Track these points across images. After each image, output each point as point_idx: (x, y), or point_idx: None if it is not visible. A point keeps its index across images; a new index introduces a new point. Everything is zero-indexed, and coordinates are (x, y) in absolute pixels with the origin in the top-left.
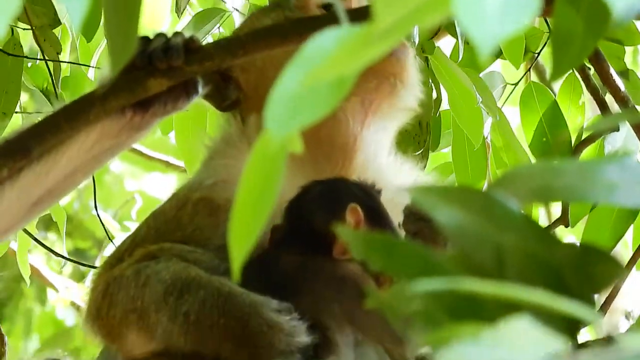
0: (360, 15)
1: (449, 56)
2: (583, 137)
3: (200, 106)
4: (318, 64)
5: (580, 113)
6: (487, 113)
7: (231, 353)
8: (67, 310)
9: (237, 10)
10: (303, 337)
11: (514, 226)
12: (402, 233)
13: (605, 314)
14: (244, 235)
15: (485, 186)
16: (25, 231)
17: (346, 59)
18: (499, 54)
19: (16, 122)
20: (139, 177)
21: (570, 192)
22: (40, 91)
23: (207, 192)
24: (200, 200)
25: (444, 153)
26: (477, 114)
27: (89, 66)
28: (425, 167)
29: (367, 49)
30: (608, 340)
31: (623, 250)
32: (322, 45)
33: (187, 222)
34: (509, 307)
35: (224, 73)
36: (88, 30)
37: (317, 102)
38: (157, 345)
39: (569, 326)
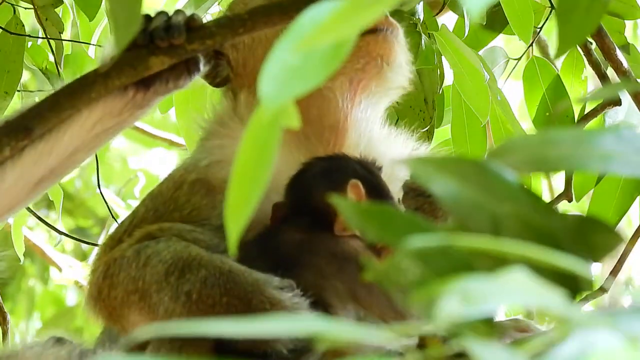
0: None
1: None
2: (586, 112)
3: (200, 83)
4: (311, 32)
5: (583, 87)
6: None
7: None
8: (69, 289)
9: None
10: (306, 314)
11: (511, 196)
12: (402, 209)
13: (609, 287)
14: (240, 208)
15: None
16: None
17: (339, 25)
18: (502, 29)
19: (17, 101)
20: (142, 154)
21: (567, 161)
22: (40, 70)
23: (203, 173)
24: (196, 181)
25: (447, 130)
26: (483, 90)
27: (90, 44)
28: (430, 143)
29: (360, 14)
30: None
31: (626, 227)
32: (316, 16)
33: (184, 203)
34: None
35: (216, 50)
36: (90, 9)
37: (310, 71)
38: None
39: (566, 287)
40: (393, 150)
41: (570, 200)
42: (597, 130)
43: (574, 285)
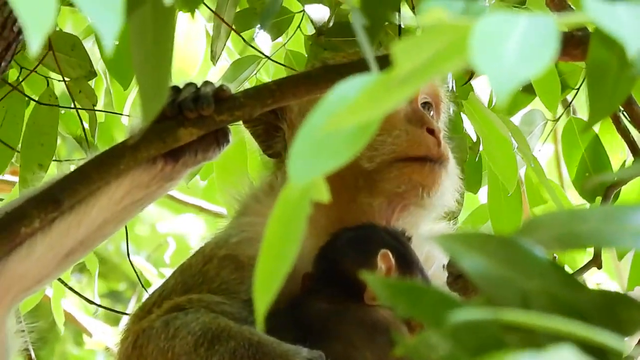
0: (387, 61)
1: (487, 99)
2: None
3: (241, 149)
4: (339, 111)
5: (621, 147)
6: (522, 159)
7: None
8: (99, 355)
9: (268, 57)
10: None
11: (540, 272)
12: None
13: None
14: (268, 281)
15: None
16: (59, 279)
17: (367, 106)
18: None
19: (52, 170)
20: (171, 220)
21: (596, 237)
22: (74, 139)
23: (233, 249)
24: (226, 256)
25: (477, 197)
26: (511, 159)
27: (122, 114)
28: (461, 209)
29: (388, 96)
30: None
31: None
32: (345, 92)
33: (213, 276)
34: (536, 346)
35: (275, 123)
36: (124, 78)
37: (339, 148)
38: None
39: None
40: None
41: (599, 268)
42: (627, 205)
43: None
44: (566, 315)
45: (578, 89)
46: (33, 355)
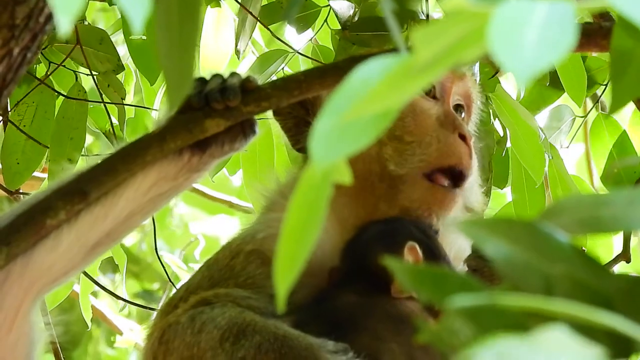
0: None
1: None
2: None
3: (268, 142)
4: (361, 97)
5: None
6: (546, 151)
7: None
8: (131, 354)
9: (296, 51)
10: None
11: (563, 257)
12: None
13: None
14: (289, 264)
15: None
16: (86, 274)
17: (387, 93)
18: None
19: (81, 164)
20: (203, 219)
21: (620, 222)
22: (103, 134)
23: (260, 245)
24: (253, 251)
25: (505, 194)
26: (538, 150)
27: (149, 108)
28: (488, 204)
29: (408, 82)
30: None
31: None
32: (367, 75)
33: (239, 271)
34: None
35: (305, 118)
36: (151, 73)
37: (360, 132)
38: None
39: (618, 347)
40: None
41: (628, 261)
42: None
43: (627, 347)
44: (590, 300)
45: (606, 84)
46: (61, 355)
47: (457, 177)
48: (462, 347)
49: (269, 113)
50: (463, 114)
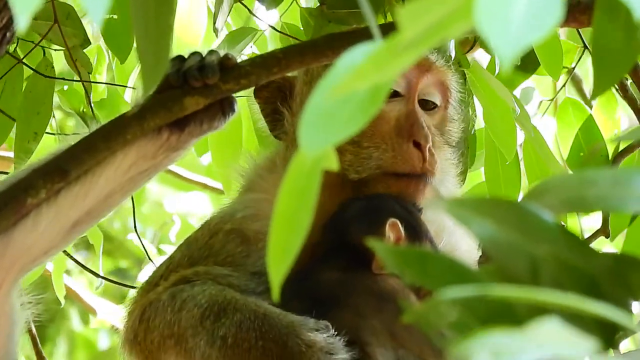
0: (391, 29)
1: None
2: (620, 149)
3: (236, 126)
4: (346, 78)
5: (616, 126)
6: (521, 129)
7: None
8: (102, 333)
9: (271, 27)
10: (342, 354)
11: (548, 237)
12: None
13: None
14: (282, 253)
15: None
16: (64, 251)
17: (374, 70)
18: (534, 70)
19: (50, 144)
20: (178, 197)
21: (604, 202)
22: (77, 113)
23: (238, 224)
24: (232, 230)
25: (480, 173)
26: (511, 126)
27: (125, 86)
28: (464, 183)
29: (395, 60)
30: None
31: None
32: (352, 61)
33: (219, 249)
34: (542, 314)
35: (279, 109)
36: (121, 51)
37: (349, 117)
38: None
39: (605, 332)
40: None
41: (607, 237)
42: (634, 170)
43: (613, 328)
44: (575, 280)
45: (574, 68)
46: (34, 332)
47: (415, 179)
48: (450, 328)
49: (248, 92)
50: (436, 106)
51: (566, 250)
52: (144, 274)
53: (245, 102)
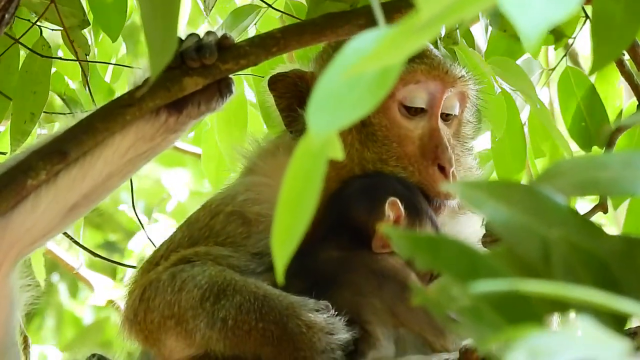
0: (392, 9)
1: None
2: (622, 120)
3: (241, 103)
4: (356, 60)
5: (618, 96)
6: (525, 101)
7: (272, 355)
8: (86, 310)
9: (270, 6)
10: (342, 334)
11: (560, 220)
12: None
13: None
14: (287, 236)
15: (524, 176)
16: None
17: (384, 53)
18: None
19: (49, 125)
20: (172, 171)
21: (616, 184)
22: (60, 97)
23: (240, 207)
24: (233, 212)
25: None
26: (499, 103)
27: (129, 67)
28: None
29: (409, 41)
30: None
31: None
32: (361, 45)
33: (219, 230)
34: (557, 305)
35: (293, 105)
36: (112, 29)
37: (358, 100)
38: (197, 350)
39: (618, 318)
40: None
41: (605, 212)
42: None
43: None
44: (587, 262)
45: (574, 38)
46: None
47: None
48: (461, 312)
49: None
50: (455, 115)
51: (578, 233)
52: (134, 243)
53: (250, 81)
